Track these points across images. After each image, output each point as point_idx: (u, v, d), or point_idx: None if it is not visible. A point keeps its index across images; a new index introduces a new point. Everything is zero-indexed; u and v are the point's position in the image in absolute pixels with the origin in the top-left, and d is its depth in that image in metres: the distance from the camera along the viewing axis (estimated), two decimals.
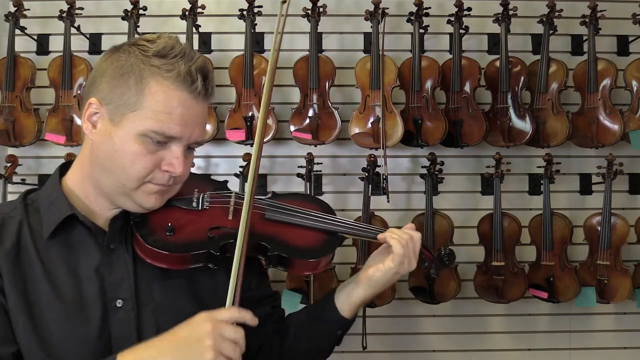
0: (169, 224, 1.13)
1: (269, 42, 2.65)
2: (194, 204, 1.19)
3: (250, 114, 2.41)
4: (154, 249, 1.10)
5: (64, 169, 1.19)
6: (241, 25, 2.45)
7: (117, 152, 1.07)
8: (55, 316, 1.05)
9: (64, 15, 2.40)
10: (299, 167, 2.45)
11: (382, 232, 1.24)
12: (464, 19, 2.45)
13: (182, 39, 2.40)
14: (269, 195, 1.28)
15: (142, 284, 1.12)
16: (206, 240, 1.14)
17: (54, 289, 1.06)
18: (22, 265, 1.07)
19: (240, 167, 2.40)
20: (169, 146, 1.08)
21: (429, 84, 2.48)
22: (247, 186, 1.14)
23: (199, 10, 2.43)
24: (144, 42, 1.09)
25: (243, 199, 1.17)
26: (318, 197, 1.35)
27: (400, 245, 1.19)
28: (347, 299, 1.24)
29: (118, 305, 1.09)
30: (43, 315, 1.05)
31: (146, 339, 1.02)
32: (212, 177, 2.15)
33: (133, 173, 1.07)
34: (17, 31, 2.43)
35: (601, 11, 2.44)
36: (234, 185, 2.22)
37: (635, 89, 2.46)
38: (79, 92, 2.44)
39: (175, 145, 1.09)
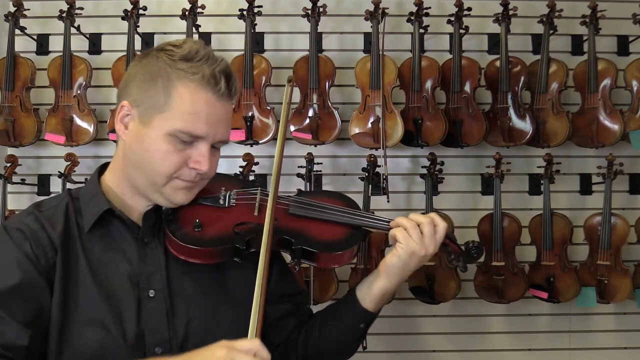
0: (197, 220, 1.20)
1: (269, 42, 2.65)
2: (221, 202, 1.27)
3: (250, 113, 2.41)
4: (183, 244, 1.17)
5: (103, 168, 1.28)
6: (241, 25, 2.45)
7: (148, 151, 1.14)
8: (89, 303, 1.12)
9: (64, 15, 2.40)
10: (299, 167, 2.45)
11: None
12: (464, 19, 2.45)
13: (182, 38, 2.42)
14: (295, 193, 1.35)
15: (173, 276, 1.19)
16: (232, 235, 1.22)
17: (93, 278, 1.14)
18: (68, 251, 1.15)
19: (240, 167, 2.40)
20: (195, 145, 1.15)
21: (429, 84, 2.48)
22: (271, 183, 1.23)
23: (199, 10, 2.43)
24: (171, 47, 1.16)
25: (268, 195, 1.24)
26: (342, 193, 1.43)
27: (402, 234, 1.23)
28: (367, 290, 1.28)
29: (150, 295, 1.16)
30: (78, 301, 1.12)
31: (177, 329, 1.13)
32: None
33: (162, 170, 1.15)
34: (17, 31, 2.43)
35: (601, 11, 2.44)
36: None
37: (635, 89, 2.45)
38: (78, 92, 2.44)
39: (202, 144, 1.15)
